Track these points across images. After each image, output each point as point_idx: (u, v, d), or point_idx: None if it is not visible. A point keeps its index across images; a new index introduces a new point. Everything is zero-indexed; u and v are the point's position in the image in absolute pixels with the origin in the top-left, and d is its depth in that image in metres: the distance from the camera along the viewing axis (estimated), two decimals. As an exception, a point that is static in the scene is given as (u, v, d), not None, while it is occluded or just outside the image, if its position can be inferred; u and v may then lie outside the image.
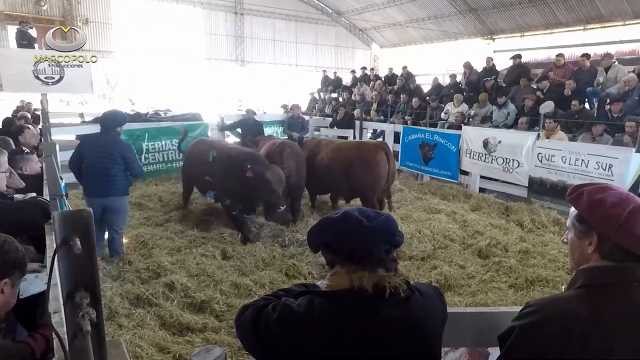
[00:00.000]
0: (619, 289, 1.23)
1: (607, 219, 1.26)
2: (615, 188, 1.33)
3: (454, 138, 9.09)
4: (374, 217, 1.30)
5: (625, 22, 13.23)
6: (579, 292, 1.28)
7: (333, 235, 1.32)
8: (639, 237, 1.22)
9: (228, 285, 4.35)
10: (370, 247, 1.27)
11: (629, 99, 8.36)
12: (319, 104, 16.40)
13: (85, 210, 0.87)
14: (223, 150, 6.39)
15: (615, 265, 1.26)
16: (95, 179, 4.69)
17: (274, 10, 22.22)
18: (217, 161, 6.13)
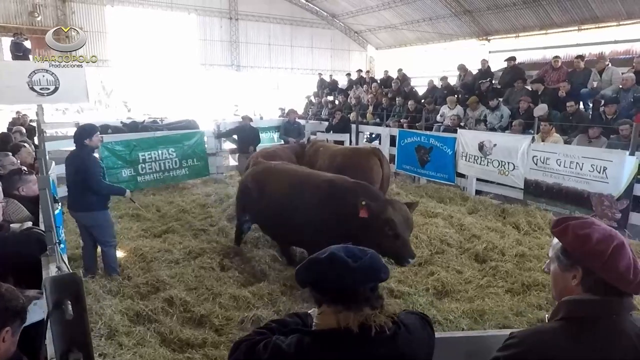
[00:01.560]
0: (600, 322, 1.27)
1: (593, 254, 1.30)
2: (599, 223, 1.37)
3: (450, 141, 9.13)
4: (360, 257, 1.32)
5: (619, 23, 13.29)
6: (561, 324, 1.31)
7: (319, 276, 1.34)
8: (622, 272, 1.26)
9: (227, 297, 4.38)
10: (355, 287, 1.30)
11: (623, 100, 8.43)
12: (315, 107, 16.42)
13: (76, 274, 0.90)
14: (306, 177, 4.95)
15: (596, 299, 1.29)
16: (69, 194, 4.92)
17: (268, 14, 22.26)
18: (299, 194, 4.69)
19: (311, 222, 4.42)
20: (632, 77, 8.47)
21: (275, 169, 5.36)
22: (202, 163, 10.08)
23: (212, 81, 21.86)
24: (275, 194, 4.93)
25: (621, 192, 6.45)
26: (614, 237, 1.31)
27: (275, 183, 5.04)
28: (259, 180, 5.25)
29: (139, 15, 19.86)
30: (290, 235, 5.02)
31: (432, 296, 4.78)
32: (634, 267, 1.26)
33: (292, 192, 4.77)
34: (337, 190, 4.42)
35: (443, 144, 9.23)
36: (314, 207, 4.45)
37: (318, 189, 4.57)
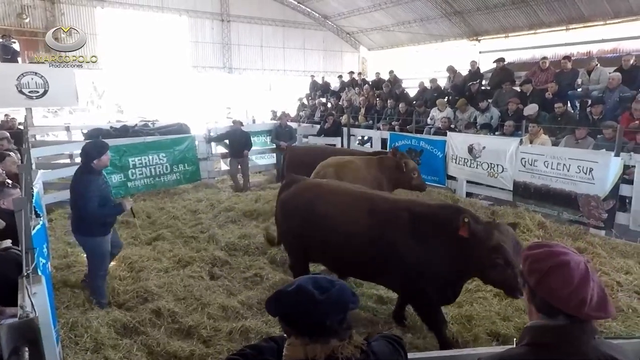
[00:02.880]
0: (563, 347, 1.30)
1: (531, 272, 1.36)
2: (554, 245, 1.40)
3: (440, 144, 9.18)
4: (328, 289, 1.33)
5: (606, 22, 13.42)
6: (526, 349, 1.35)
7: (286, 309, 1.35)
8: (554, 291, 1.29)
9: (216, 307, 4.37)
10: (322, 320, 1.30)
11: (609, 100, 8.51)
12: (308, 110, 16.44)
13: (33, 321, 0.90)
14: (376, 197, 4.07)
15: (557, 325, 1.32)
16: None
17: (260, 16, 22.25)
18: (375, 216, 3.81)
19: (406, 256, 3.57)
20: (618, 76, 8.55)
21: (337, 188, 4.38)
22: (193, 168, 10.06)
23: (204, 83, 21.83)
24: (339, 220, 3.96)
25: (607, 193, 6.52)
26: (556, 257, 1.33)
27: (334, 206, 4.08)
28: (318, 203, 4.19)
29: (129, 16, 19.77)
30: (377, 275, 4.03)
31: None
32: (577, 289, 1.27)
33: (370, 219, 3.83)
34: (441, 215, 3.55)
35: (433, 147, 9.28)
36: (412, 238, 3.56)
37: (416, 216, 3.63)
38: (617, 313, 4.39)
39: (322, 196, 4.21)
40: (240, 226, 7.18)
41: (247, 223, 7.37)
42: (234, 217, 7.53)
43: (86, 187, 4.29)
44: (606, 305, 1.29)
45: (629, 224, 6.44)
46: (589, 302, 1.27)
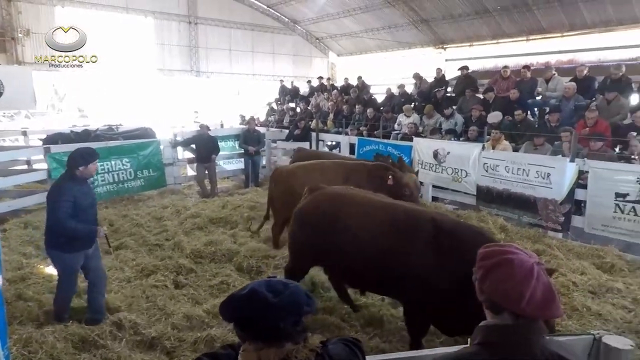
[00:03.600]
0: (512, 347, 1.34)
1: (478, 268, 1.42)
2: (506, 246, 1.45)
3: (406, 149, 9.34)
4: (281, 291, 1.31)
5: (563, 34, 14.04)
6: (477, 349, 1.39)
7: (239, 313, 1.33)
8: (494, 285, 1.35)
9: (180, 317, 4.28)
10: (275, 324, 1.29)
11: (565, 108, 8.91)
12: (277, 114, 16.40)
13: None
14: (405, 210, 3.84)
15: (506, 324, 1.37)
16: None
17: (229, 19, 22.05)
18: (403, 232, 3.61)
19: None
20: (573, 85, 8.96)
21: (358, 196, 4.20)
22: (158, 174, 9.85)
23: (170, 87, 21.42)
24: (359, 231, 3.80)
25: (564, 197, 6.81)
26: (499, 255, 1.39)
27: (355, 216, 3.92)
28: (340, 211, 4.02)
29: (91, 16, 19.17)
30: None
31: (390, 305, 4.86)
32: (516, 285, 1.32)
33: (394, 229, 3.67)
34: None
35: (400, 152, 9.42)
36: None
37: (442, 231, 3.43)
38: (572, 312, 4.58)
39: (345, 207, 4.02)
40: (207, 233, 7.07)
41: (214, 230, 7.26)
42: (200, 223, 7.40)
43: (60, 193, 4.03)
44: (551, 305, 1.33)
45: (584, 226, 6.73)
46: (527, 299, 1.30)
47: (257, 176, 11.39)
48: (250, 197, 9.34)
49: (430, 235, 3.43)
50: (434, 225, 3.48)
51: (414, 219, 3.65)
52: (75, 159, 4.12)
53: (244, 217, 7.80)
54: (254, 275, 5.49)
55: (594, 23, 13.12)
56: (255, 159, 11.15)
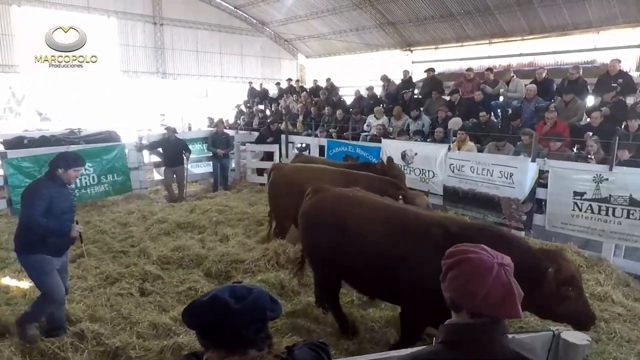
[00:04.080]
0: (473, 346, 1.36)
1: (442, 266, 1.45)
2: (473, 246, 1.47)
3: (375, 150, 9.45)
4: (244, 297, 1.29)
5: (523, 38, 14.54)
6: (440, 347, 1.42)
7: (201, 320, 1.31)
8: (451, 282, 1.39)
9: (146, 326, 4.17)
10: (237, 330, 1.27)
11: (527, 109, 9.23)
12: (246, 117, 16.26)
13: None
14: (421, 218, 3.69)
15: (469, 323, 1.39)
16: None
17: (195, 20, 21.69)
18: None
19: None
20: (534, 87, 9.29)
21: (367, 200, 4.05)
22: (123, 178, 9.59)
23: (135, 89, 20.86)
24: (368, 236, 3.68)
25: (526, 196, 7.04)
26: (461, 254, 1.41)
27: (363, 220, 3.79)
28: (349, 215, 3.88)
29: (50, 16, 18.44)
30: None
31: (358, 307, 4.89)
32: (470, 282, 1.35)
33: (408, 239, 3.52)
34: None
35: (369, 154, 9.54)
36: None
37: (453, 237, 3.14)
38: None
39: (353, 209, 3.91)
40: (175, 238, 6.94)
41: (182, 235, 7.14)
42: (167, 229, 7.26)
43: (36, 190, 3.91)
44: (507, 305, 1.34)
45: (545, 224, 6.97)
46: (481, 297, 1.33)
47: (226, 179, 11.26)
48: (219, 201, 9.23)
49: (440, 239, 3.29)
50: (444, 229, 3.38)
51: (423, 223, 3.52)
52: (57, 161, 4.05)
53: (213, 221, 7.70)
54: (223, 280, 5.41)
55: (551, 27, 13.66)
56: (224, 162, 11.02)
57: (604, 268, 5.81)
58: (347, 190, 4.29)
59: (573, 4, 12.53)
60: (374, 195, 4.20)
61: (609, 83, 8.79)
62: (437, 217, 3.66)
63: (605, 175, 6.25)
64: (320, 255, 4.12)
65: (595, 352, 3.82)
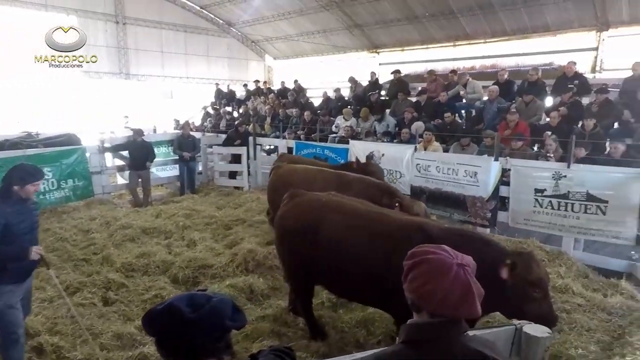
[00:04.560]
0: (433, 345, 1.37)
1: (403, 267, 1.46)
2: (434, 247, 1.48)
3: (343, 152, 9.50)
4: (202, 305, 1.26)
5: (486, 40, 14.95)
6: (401, 347, 1.42)
7: (156, 330, 1.28)
8: (410, 283, 1.39)
9: (109, 336, 4.03)
10: (192, 340, 1.23)
11: (489, 110, 9.50)
12: (213, 118, 16.03)
13: None
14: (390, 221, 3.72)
15: (429, 322, 1.40)
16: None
17: (160, 20, 21.19)
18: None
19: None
20: (496, 89, 9.58)
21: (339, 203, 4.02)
22: (84, 183, 9.25)
23: (97, 90, 20.17)
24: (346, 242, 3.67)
25: (490, 194, 7.23)
26: (422, 255, 1.43)
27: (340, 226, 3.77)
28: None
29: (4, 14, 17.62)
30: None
31: (328, 309, 4.88)
32: (428, 282, 1.36)
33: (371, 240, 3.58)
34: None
35: (337, 155, 9.57)
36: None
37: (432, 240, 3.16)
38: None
39: (330, 215, 3.85)
40: (140, 244, 6.75)
41: (147, 241, 6.94)
42: (132, 234, 7.04)
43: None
44: (466, 305, 1.36)
45: (508, 221, 7.19)
46: (440, 298, 1.34)
47: (193, 183, 11.06)
48: (186, 205, 9.04)
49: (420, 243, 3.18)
50: (424, 234, 3.36)
51: (404, 229, 3.50)
52: (11, 176, 3.58)
53: (179, 226, 7.53)
54: (190, 287, 5.31)
55: (512, 30, 14.10)
56: (190, 165, 10.82)
57: (565, 261, 6.06)
58: (323, 195, 4.24)
59: (532, 8, 12.98)
60: (350, 200, 4.15)
61: (566, 84, 9.17)
62: (416, 222, 3.63)
63: (563, 172, 6.50)
64: (295, 262, 4.09)
65: (558, 343, 3.96)
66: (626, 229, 6.07)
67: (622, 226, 6.10)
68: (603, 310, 4.66)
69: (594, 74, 12.52)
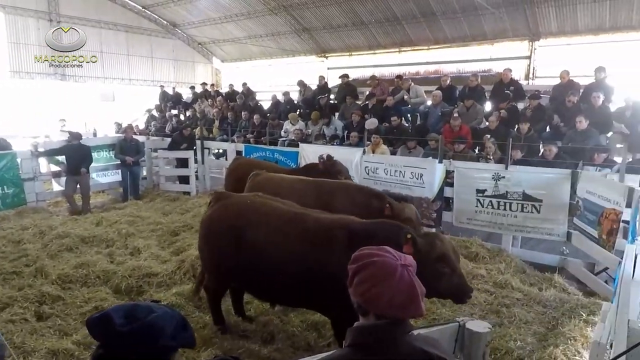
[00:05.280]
0: (378, 347, 1.37)
1: (348, 272, 1.45)
2: (378, 249, 1.48)
3: (293, 155, 9.49)
4: (139, 319, 1.20)
5: (429, 47, 15.52)
6: (348, 351, 1.41)
7: (94, 337, 1.22)
8: (357, 287, 1.39)
9: (44, 353, 3.75)
10: (124, 354, 1.19)
11: (434, 114, 9.86)
12: (158, 122, 15.47)
13: None
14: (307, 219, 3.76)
15: (373, 325, 1.40)
16: None
17: (98, 19, 20.18)
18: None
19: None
20: (439, 94, 9.97)
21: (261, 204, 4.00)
22: (15, 190, 8.62)
23: (29, 92, 18.86)
24: (269, 244, 3.67)
25: (435, 195, 7.48)
26: (368, 258, 1.43)
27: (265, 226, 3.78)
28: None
29: None
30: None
31: (279, 312, 4.83)
32: (375, 286, 1.36)
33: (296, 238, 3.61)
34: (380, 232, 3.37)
35: (287, 158, 9.54)
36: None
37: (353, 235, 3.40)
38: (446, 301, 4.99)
39: (250, 218, 3.85)
40: (78, 254, 6.37)
41: (87, 250, 6.57)
42: (69, 244, 6.63)
43: None
44: (412, 305, 1.37)
45: (453, 221, 7.47)
46: (386, 300, 1.34)
47: (138, 188, 10.61)
48: (129, 212, 8.67)
49: (346, 243, 3.33)
50: (349, 231, 3.42)
51: (327, 229, 3.53)
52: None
53: (122, 233, 7.19)
54: (134, 297, 5.07)
55: (453, 38, 14.74)
56: (134, 170, 10.38)
57: (504, 258, 6.39)
58: (247, 197, 4.24)
59: (471, 17, 13.63)
60: (274, 200, 4.12)
61: (503, 90, 9.71)
62: (340, 220, 3.66)
63: (502, 173, 6.86)
64: (218, 263, 4.08)
65: (499, 336, 4.15)
66: (558, 225, 6.50)
67: (554, 223, 6.53)
68: (539, 304, 4.94)
69: (528, 80, 13.34)
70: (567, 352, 3.84)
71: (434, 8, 13.87)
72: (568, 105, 8.38)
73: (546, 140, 8.02)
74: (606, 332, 2.35)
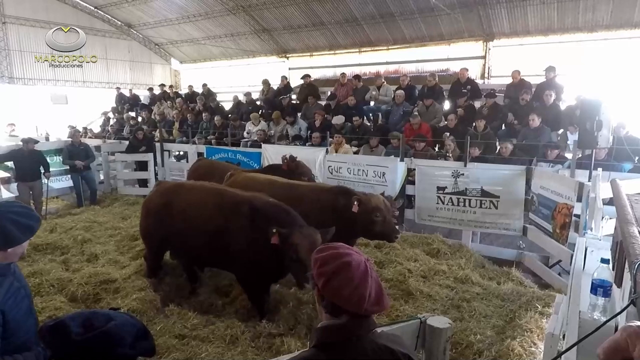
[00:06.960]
0: (344, 346, 1.37)
1: (319, 275, 1.40)
2: (339, 247, 1.48)
3: (256, 156, 9.41)
4: (96, 327, 1.16)
5: (388, 47, 15.76)
6: (313, 351, 1.40)
7: (47, 346, 1.16)
8: (337, 291, 1.36)
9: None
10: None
11: (396, 113, 10.01)
12: (115, 124, 14.94)
13: None
14: (221, 196, 4.77)
15: (338, 324, 1.39)
16: None
17: (47, 19, 19.25)
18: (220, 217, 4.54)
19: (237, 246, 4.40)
20: (402, 93, 10.13)
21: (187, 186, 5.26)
22: (-42, 199, 8.08)
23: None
24: (193, 215, 4.68)
25: (397, 193, 7.59)
26: (338, 259, 1.41)
27: (189, 203, 4.79)
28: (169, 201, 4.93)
29: None
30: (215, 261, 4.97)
31: (245, 314, 4.76)
32: (357, 288, 1.36)
33: (211, 214, 4.58)
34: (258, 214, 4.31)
35: (249, 159, 9.46)
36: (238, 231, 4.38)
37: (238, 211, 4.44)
38: (408, 297, 5.10)
39: (180, 195, 4.88)
40: (30, 262, 6.02)
41: (40, 258, 6.25)
42: (20, 253, 6.26)
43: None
44: (382, 299, 1.39)
45: (415, 218, 7.61)
46: (367, 299, 1.35)
47: (95, 193, 10.22)
48: (85, 217, 8.34)
49: (248, 215, 4.30)
50: (250, 206, 4.33)
51: (234, 203, 4.47)
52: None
53: (78, 240, 6.89)
54: (91, 304, 4.86)
55: (412, 38, 15.03)
56: (87, 175, 9.98)
57: (465, 253, 6.55)
58: (182, 181, 5.76)
59: (428, 18, 13.95)
60: (202, 183, 5.19)
61: (460, 89, 9.99)
62: (246, 196, 4.53)
63: (461, 170, 7.05)
64: (155, 236, 5.05)
65: (460, 330, 4.24)
66: (514, 220, 6.75)
67: (511, 218, 6.77)
68: (497, 297, 5.08)
69: (483, 80, 13.78)
70: (523, 343, 3.96)
71: (392, 9, 14.10)
72: (522, 103, 8.72)
73: (502, 138, 8.30)
74: (559, 324, 2.45)
